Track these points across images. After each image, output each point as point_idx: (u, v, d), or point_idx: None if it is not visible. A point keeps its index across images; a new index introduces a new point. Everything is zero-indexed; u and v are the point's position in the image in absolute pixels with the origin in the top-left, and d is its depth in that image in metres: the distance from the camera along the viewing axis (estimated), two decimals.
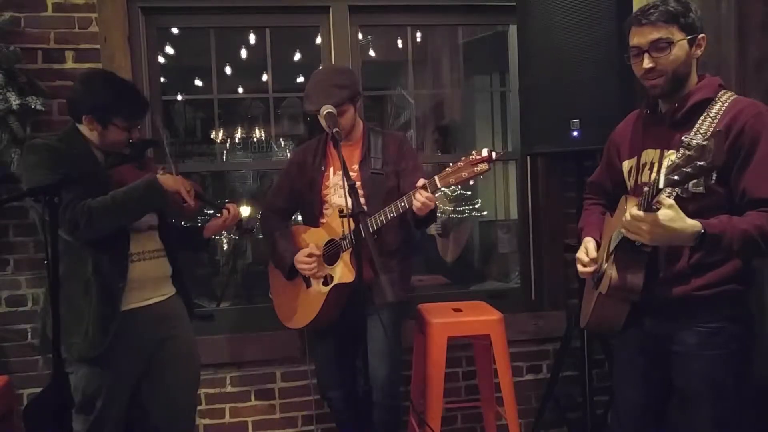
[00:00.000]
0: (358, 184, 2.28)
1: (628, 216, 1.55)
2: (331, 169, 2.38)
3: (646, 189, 1.55)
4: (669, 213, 1.49)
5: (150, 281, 2.12)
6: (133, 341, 2.04)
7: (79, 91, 2.02)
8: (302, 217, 2.55)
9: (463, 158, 1.98)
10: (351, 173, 2.28)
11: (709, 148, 1.31)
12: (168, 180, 2.03)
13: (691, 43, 1.66)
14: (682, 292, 1.69)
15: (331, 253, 2.31)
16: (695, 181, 1.38)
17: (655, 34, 1.64)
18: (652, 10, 1.64)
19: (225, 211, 2.26)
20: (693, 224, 1.52)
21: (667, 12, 1.63)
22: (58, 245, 1.92)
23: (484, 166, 1.94)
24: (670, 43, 1.64)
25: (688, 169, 1.34)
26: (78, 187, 1.87)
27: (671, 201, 1.51)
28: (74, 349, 1.93)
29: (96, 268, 1.96)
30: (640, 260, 1.69)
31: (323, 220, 2.37)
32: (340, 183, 2.26)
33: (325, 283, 2.29)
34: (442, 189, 2.04)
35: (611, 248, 1.74)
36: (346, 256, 2.24)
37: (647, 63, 1.67)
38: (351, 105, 2.29)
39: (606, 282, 1.73)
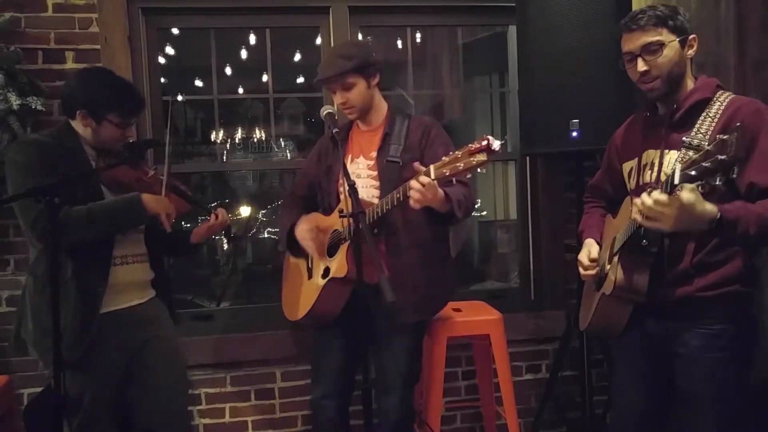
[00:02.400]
0: (374, 173, 2.18)
1: (648, 201, 1.50)
2: (350, 157, 2.25)
3: (663, 178, 1.53)
4: (691, 196, 1.46)
5: (132, 285, 2.10)
6: (114, 343, 2.02)
7: (74, 86, 2.00)
8: (321, 206, 2.45)
9: (462, 147, 1.76)
10: (368, 161, 2.21)
11: (730, 142, 1.30)
12: (151, 201, 1.98)
13: (682, 43, 1.68)
14: (685, 292, 1.69)
15: (333, 243, 2.21)
16: (716, 176, 1.36)
17: (646, 38, 1.67)
18: (640, 16, 1.68)
19: (213, 217, 2.23)
20: (711, 208, 1.50)
21: (656, 16, 1.66)
22: (37, 245, 1.93)
23: (482, 157, 1.68)
24: (661, 45, 1.66)
25: (707, 164, 1.34)
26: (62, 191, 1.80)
27: (692, 185, 1.47)
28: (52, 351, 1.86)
29: (75, 271, 1.93)
30: (646, 261, 1.69)
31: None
32: (357, 172, 2.20)
33: (324, 276, 2.20)
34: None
35: (616, 248, 1.75)
36: (344, 248, 2.13)
37: (641, 66, 1.69)
38: (360, 78, 2.12)
39: (610, 283, 1.73)
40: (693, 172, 1.37)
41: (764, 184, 1.58)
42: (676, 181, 1.40)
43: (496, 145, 1.68)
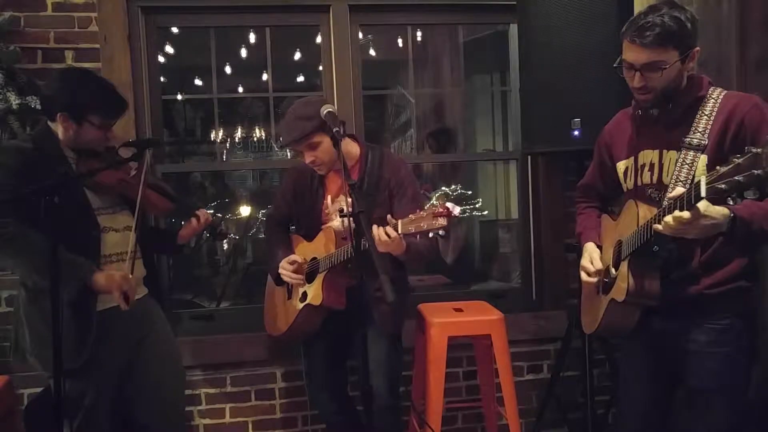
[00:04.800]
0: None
1: (670, 221, 1.47)
2: (329, 197, 2.34)
3: (673, 193, 1.49)
4: (705, 203, 1.43)
5: None
6: (114, 340, 2.03)
7: (54, 88, 1.97)
8: (296, 229, 2.53)
9: (427, 208, 1.89)
10: (349, 198, 2.27)
11: (765, 155, 1.25)
12: (101, 279, 1.90)
13: (684, 59, 1.65)
14: (693, 291, 1.70)
15: (311, 271, 2.32)
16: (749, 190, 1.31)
17: (649, 57, 1.63)
18: (647, 33, 1.60)
19: (194, 220, 2.26)
20: (722, 209, 1.47)
21: (661, 35, 1.59)
22: None
23: (442, 221, 1.82)
24: (664, 66, 1.62)
25: (740, 179, 1.28)
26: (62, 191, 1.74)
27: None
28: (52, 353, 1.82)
29: (64, 281, 1.86)
30: (655, 264, 1.68)
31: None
32: (338, 209, 2.28)
33: (302, 300, 2.31)
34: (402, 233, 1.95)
35: (624, 255, 1.73)
36: (320, 277, 2.25)
37: (639, 82, 1.68)
38: (324, 134, 2.15)
39: (621, 290, 1.71)
40: (723, 186, 1.31)
41: None
42: (703, 194, 1.35)
43: (457, 211, 1.84)
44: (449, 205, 1.83)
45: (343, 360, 2.50)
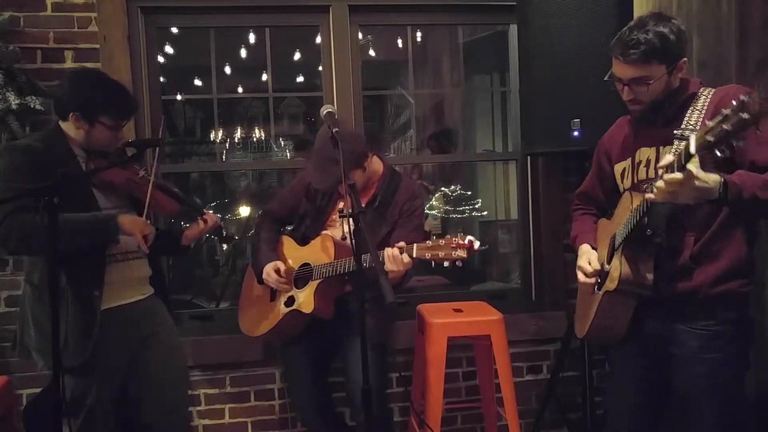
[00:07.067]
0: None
1: (660, 184, 1.48)
2: (341, 203, 2.31)
3: (663, 161, 1.49)
4: (695, 166, 1.45)
5: (133, 281, 2.13)
6: (118, 340, 2.04)
7: (68, 88, 2.00)
8: (293, 230, 2.51)
9: (447, 237, 1.93)
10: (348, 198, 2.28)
11: (752, 100, 1.26)
12: (126, 222, 1.97)
13: (671, 71, 1.68)
14: (687, 287, 1.69)
15: (301, 277, 2.30)
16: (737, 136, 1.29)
17: (634, 73, 1.68)
18: (631, 51, 1.65)
19: (202, 222, 2.27)
20: (715, 175, 1.50)
21: (645, 52, 1.64)
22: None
23: (462, 253, 1.88)
24: (649, 81, 1.67)
25: (728, 126, 1.28)
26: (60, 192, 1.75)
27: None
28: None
29: (69, 277, 1.93)
30: (650, 251, 1.69)
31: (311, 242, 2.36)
32: (338, 209, 2.29)
33: (287, 304, 2.29)
34: (415, 258, 1.97)
35: (617, 243, 1.74)
36: (314, 285, 2.23)
37: (627, 95, 1.74)
38: (358, 168, 2.19)
39: (614, 278, 1.72)
40: (711, 138, 1.31)
41: (765, 163, 1.59)
42: (692, 150, 1.36)
43: (477, 245, 1.87)
44: (470, 238, 1.87)
45: (324, 366, 2.49)
